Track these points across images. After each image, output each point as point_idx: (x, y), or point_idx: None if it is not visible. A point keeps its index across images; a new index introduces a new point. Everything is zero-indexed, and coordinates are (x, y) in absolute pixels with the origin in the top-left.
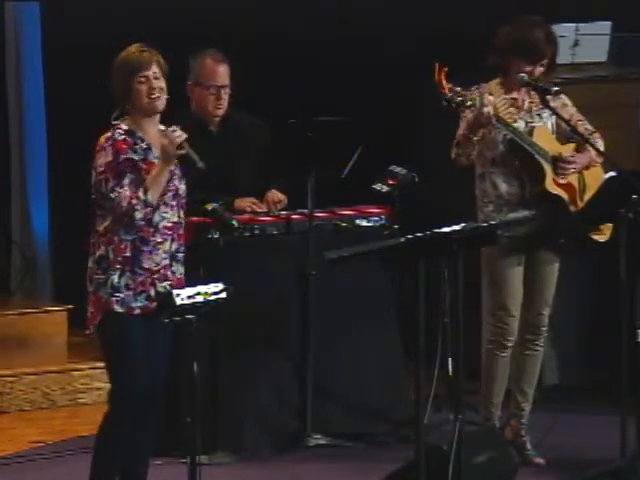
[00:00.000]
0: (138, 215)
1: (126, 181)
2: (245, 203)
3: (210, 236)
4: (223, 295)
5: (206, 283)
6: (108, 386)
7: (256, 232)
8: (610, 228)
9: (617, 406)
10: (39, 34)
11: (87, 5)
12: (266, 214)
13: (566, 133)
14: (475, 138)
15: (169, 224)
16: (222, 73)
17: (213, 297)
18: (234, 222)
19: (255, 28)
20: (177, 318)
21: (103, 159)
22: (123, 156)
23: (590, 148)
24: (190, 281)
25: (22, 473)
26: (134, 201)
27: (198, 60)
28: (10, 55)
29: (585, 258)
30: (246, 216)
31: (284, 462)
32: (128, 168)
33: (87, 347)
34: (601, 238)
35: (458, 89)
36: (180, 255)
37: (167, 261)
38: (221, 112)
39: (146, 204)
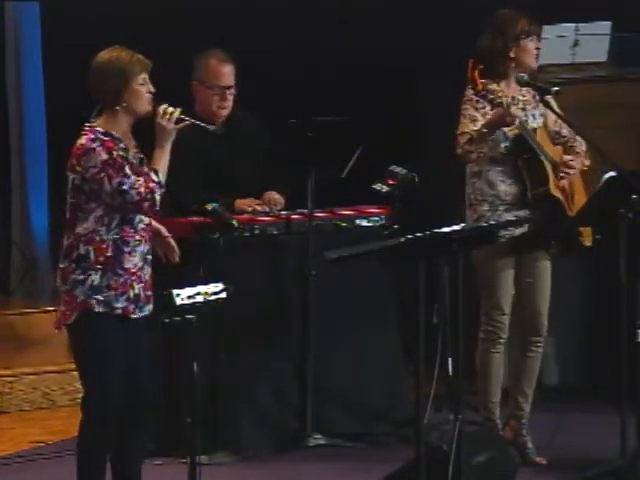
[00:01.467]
0: (157, 197)
1: (128, 170)
2: (245, 203)
3: (210, 236)
4: (223, 295)
5: (206, 283)
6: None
7: (256, 232)
8: (590, 232)
9: (617, 406)
10: (39, 34)
11: (87, 5)
12: (266, 214)
13: (551, 134)
14: (491, 136)
15: (144, 226)
16: (227, 74)
17: (213, 297)
18: (234, 222)
19: (255, 28)
20: (177, 318)
21: (97, 159)
22: (115, 152)
23: (578, 151)
24: (190, 281)
25: (22, 473)
26: (151, 184)
27: (203, 60)
28: (10, 55)
29: (585, 258)
30: (246, 216)
31: (284, 462)
32: (124, 161)
33: None
34: (585, 242)
35: (490, 87)
36: (149, 257)
37: (141, 263)
38: (225, 112)
39: (160, 185)
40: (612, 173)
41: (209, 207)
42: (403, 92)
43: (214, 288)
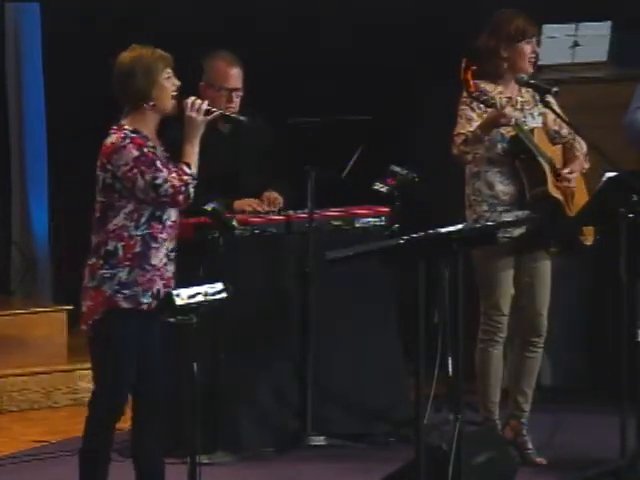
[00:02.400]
0: (192, 189)
1: (160, 165)
2: (245, 204)
3: (210, 236)
4: (223, 295)
5: (206, 283)
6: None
7: (256, 232)
8: (592, 232)
9: (617, 406)
10: (39, 34)
11: (87, 5)
12: (266, 214)
13: (550, 134)
14: (487, 137)
15: (171, 223)
16: (234, 76)
17: (213, 297)
18: (234, 222)
19: (255, 27)
20: (178, 318)
21: (128, 156)
22: (146, 149)
23: (578, 154)
24: (190, 281)
25: (21, 473)
26: (185, 177)
27: (211, 62)
28: (10, 55)
29: (585, 258)
30: (246, 216)
31: (284, 462)
32: (155, 157)
33: (87, 347)
34: (586, 241)
35: (483, 88)
36: (173, 254)
37: (165, 259)
38: None
39: (193, 178)
40: (612, 173)
41: (208, 207)
42: (403, 92)
43: (214, 288)
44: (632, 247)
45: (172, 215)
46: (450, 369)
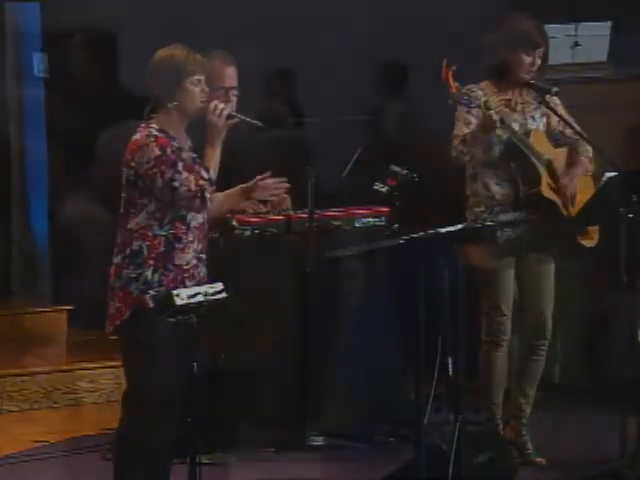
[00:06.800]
0: (207, 194)
1: (180, 167)
2: (246, 202)
3: (210, 236)
4: (223, 295)
5: (206, 283)
6: (110, 387)
7: (256, 232)
8: (597, 232)
9: (617, 406)
10: (39, 34)
11: (87, 5)
12: (266, 214)
13: (555, 135)
14: (486, 137)
15: (197, 224)
16: (230, 75)
17: (213, 297)
18: (234, 222)
19: (254, 27)
20: (178, 318)
21: (150, 154)
22: (169, 149)
23: (582, 157)
24: None
25: (21, 473)
26: (201, 181)
27: (206, 62)
28: (10, 55)
29: (585, 258)
30: (246, 216)
31: (284, 462)
32: (177, 158)
33: (87, 347)
34: (589, 243)
35: (465, 89)
36: (203, 255)
37: (195, 261)
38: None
39: (211, 182)
40: (612, 173)
41: None
42: (402, 92)
43: (214, 288)
44: (632, 247)
45: (198, 217)
46: (450, 369)
